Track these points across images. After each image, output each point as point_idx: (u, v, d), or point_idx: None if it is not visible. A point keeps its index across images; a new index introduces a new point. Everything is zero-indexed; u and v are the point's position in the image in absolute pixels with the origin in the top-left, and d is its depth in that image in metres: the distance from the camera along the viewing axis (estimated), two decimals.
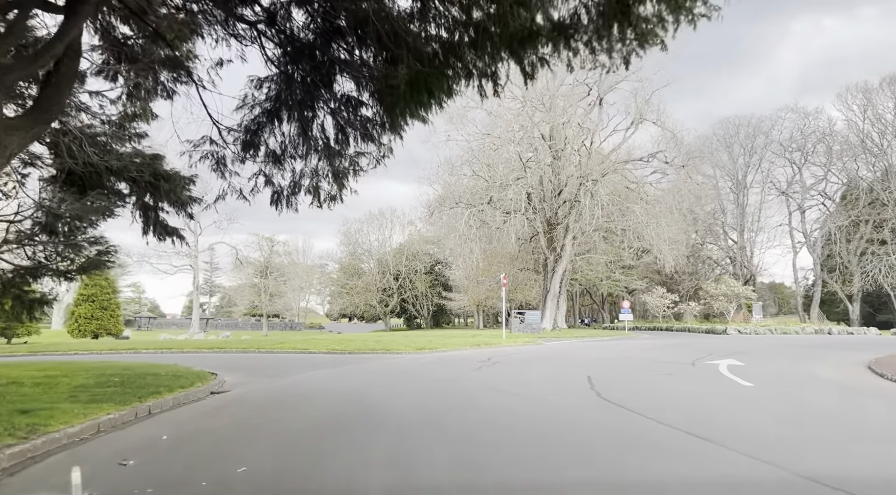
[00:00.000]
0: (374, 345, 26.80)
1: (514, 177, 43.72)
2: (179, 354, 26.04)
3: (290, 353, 25.42)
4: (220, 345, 28.25)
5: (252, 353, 26.01)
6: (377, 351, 24.78)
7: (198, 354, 25.95)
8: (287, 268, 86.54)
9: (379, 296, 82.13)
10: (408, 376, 15.84)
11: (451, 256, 76.94)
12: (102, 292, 35.71)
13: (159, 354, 25.91)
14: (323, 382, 15.05)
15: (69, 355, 24.64)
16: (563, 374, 16.09)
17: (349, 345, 26.57)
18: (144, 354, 26.01)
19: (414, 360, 21.18)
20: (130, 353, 26.44)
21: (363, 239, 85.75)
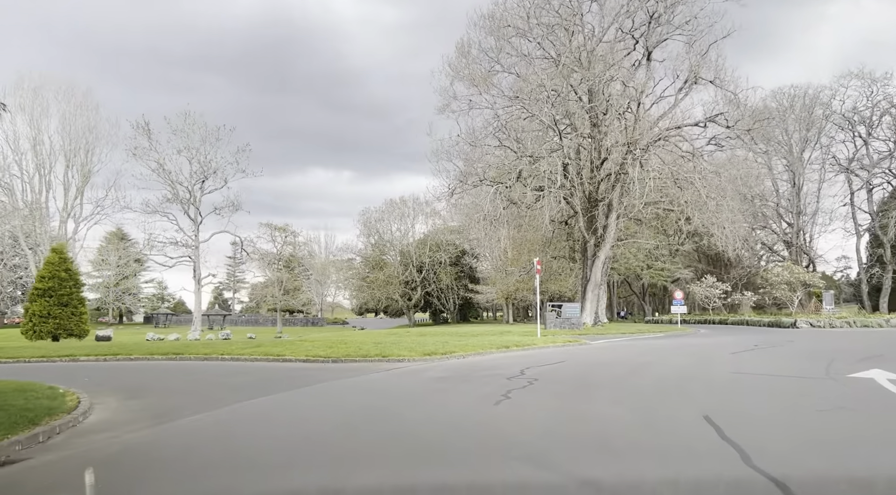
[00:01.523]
0: (370, 348, 20.19)
1: (548, 148, 36.66)
2: (116, 362, 19.78)
3: (257, 361, 18.98)
4: (181, 349, 21.91)
5: (212, 361, 19.70)
6: (371, 357, 18.15)
7: (142, 363, 19.72)
8: (306, 260, 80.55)
9: (401, 290, 75.65)
10: (384, 418, 9.06)
11: (476, 244, 70.15)
12: (62, 285, 29.64)
13: (87, 363, 19.70)
14: (226, 432, 8.42)
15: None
16: (655, 408, 9.24)
17: (338, 350, 20.00)
18: (63, 363, 19.82)
19: (414, 375, 14.46)
20: (47, 362, 20.22)
21: (384, 229, 79.32)
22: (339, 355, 18.60)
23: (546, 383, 12.17)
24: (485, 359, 18.63)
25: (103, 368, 18.30)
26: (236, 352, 20.58)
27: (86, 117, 51.83)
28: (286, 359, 18.88)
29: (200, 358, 20.31)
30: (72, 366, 19.06)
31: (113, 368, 18.17)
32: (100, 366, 18.92)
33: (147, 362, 20.15)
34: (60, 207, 52.57)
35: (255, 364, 18.52)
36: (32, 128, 49.66)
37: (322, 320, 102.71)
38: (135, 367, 18.34)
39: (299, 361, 18.54)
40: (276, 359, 19.03)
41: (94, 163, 52.96)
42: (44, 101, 50.12)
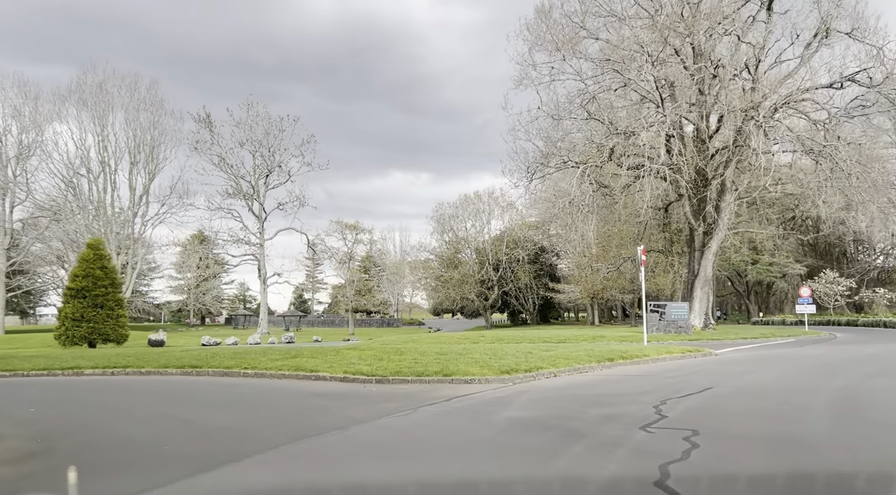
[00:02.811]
0: (431, 361, 15.10)
1: (646, 121, 30.57)
2: (124, 377, 15.61)
3: (284, 379, 14.34)
4: (204, 361, 17.44)
5: (231, 377, 15.29)
6: (428, 376, 13.05)
7: (148, 379, 15.50)
8: (379, 258, 76.73)
9: (477, 289, 70.46)
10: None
11: (557, 240, 64.13)
12: (97, 285, 26.15)
13: (89, 378, 15.63)
14: None
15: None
16: None
17: (388, 364, 15.00)
18: (57, 379, 15.83)
19: (483, 416, 9.18)
20: (47, 376, 16.26)
21: (458, 226, 74.36)
22: (388, 372, 13.59)
23: (725, 446, 6.66)
24: (586, 380, 13.19)
25: (88, 387, 14.08)
26: (264, 365, 15.95)
27: (150, 113, 49.50)
28: (319, 377, 14.08)
29: (220, 373, 15.85)
30: (60, 384, 14.97)
31: (98, 387, 13.90)
32: (90, 384, 14.75)
33: (158, 377, 15.95)
34: (126, 206, 50.47)
35: (276, 383, 13.81)
36: (97, 124, 47.63)
37: (398, 321, 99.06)
38: (127, 386, 14.00)
39: (335, 380, 13.70)
40: (308, 376, 14.27)
41: (160, 160, 50.61)
42: (108, 96, 48.01)
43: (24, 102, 46.96)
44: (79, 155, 48.15)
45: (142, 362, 17.75)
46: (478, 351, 17.86)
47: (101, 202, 48.94)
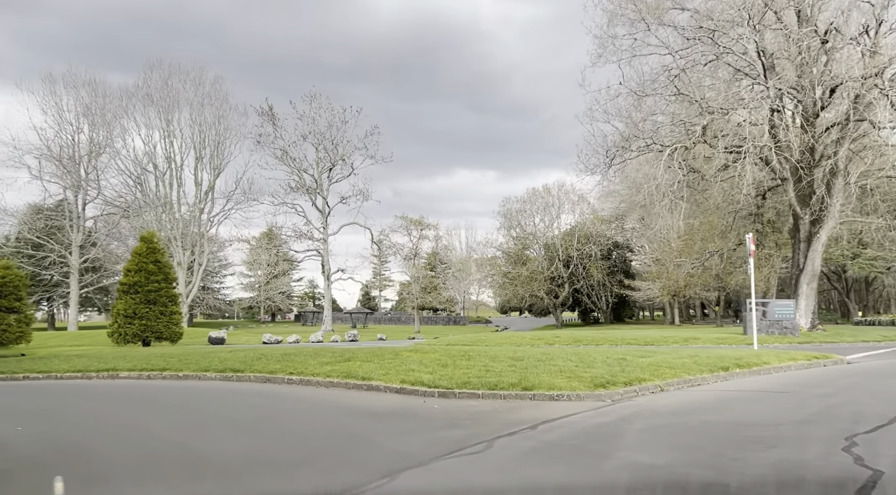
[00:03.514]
0: (506, 369, 12.45)
1: (742, 98, 26.86)
2: (161, 381, 13.74)
3: (331, 388, 12.11)
4: (247, 365, 15.33)
5: (275, 384, 13.25)
6: (504, 388, 10.45)
7: (183, 384, 13.59)
8: (445, 255, 74.51)
9: (546, 287, 67.14)
10: None
11: (633, 233, 60.13)
12: (150, 280, 24.74)
13: (125, 381, 13.85)
14: None
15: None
16: None
17: (455, 371, 12.46)
18: (90, 382, 14.11)
19: (597, 454, 6.46)
20: (81, 378, 14.60)
21: (526, 220, 71.20)
22: (453, 383, 11.04)
23: None
24: (708, 398, 10.25)
25: (110, 394, 12.22)
26: (311, 370, 13.71)
27: (214, 107, 48.84)
28: (372, 386, 11.69)
29: (262, 378, 13.74)
30: (85, 389, 13.20)
31: (120, 395, 12.01)
32: (117, 390, 12.93)
33: (194, 383, 14.12)
34: (192, 203, 50.02)
35: (321, 394, 11.51)
36: (162, 120, 47.29)
37: (464, 319, 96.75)
38: (152, 395, 12.05)
39: (390, 391, 11.27)
40: (359, 385, 11.92)
41: (225, 156, 49.91)
42: (173, 91, 47.59)
43: (94, 99, 47.10)
44: (146, 152, 47.95)
45: (182, 364, 15.88)
46: (559, 356, 15.05)
47: (167, 199, 48.58)
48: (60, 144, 47.15)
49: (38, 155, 46.83)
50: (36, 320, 19.79)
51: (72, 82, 47.29)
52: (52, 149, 46.84)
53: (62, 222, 50.13)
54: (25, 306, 20.04)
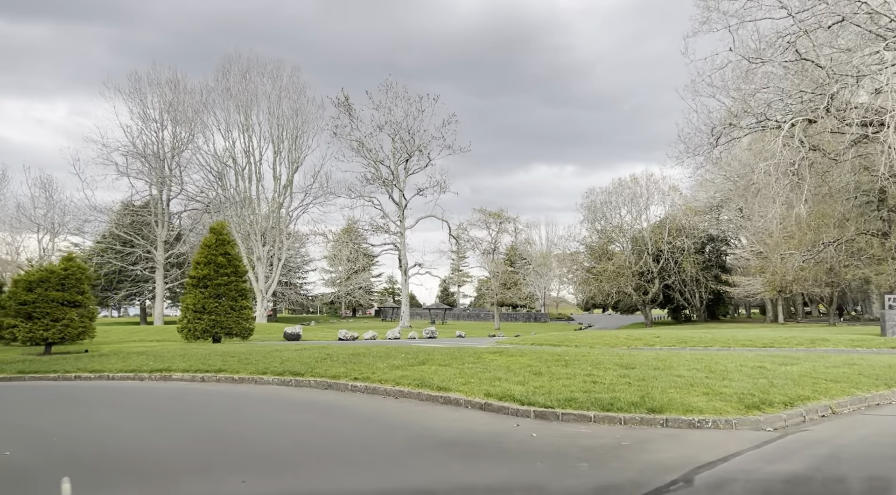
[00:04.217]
0: (617, 379, 9.88)
1: (891, 55, 22.81)
2: (216, 384, 11.97)
3: (401, 399, 9.95)
4: (310, 368, 13.28)
5: (337, 390, 11.34)
6: (621, 411, 7.84)
7: (233, 389, 11.81)
8: (525, 250, 71.60)
9: (635, 282, 63.06)
10: None
11: (729, 225, 55.40)
12: (219, 273, 23.46)
13: (177, 383, 12.14)
14: None
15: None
16: None
17: (554, 381, 9.97)
18: (138, 384, 12.49)
19: None
20: (134, 380, 13.08)
21: (611, 213, 67.22)
22: (554, 400, 8.55)
23: None
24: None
25: (147, 404, 10.52)
26: (380, 375, 11.56)
27: (291, 100, 48.03)
28: (449, 399, 9.39)
29: (323, 384, 11.75)
30: (126, 395, 11.59)
31: (159, 406, 10.26)
32: (161, 396, 11.29)
33: (248, 388, 12.33)
34: (270, 197, 49.49)
35: (387, 407, 9.31)
36: (241, 114, 46.87)
37: (545, 316, 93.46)
38: (191, 404, 10.25)
39: (472, 406, 8.96)
40: (434, 397, 9.66)
41: (302, 150, 49.08)
42: (252, 85, 47.09)
43: (175, 95, 47.29)
44: (226, 147, 47.74)
45: (240, 366, 14.13)
46: (678, 362, 12.22)
47: (246, 194, 48.22)
48: (145, 141, 47.75)
49: (125, 152, 47.58)
50: (97, 314, 18.67)
51: (156, 80, 47.79)
52: (137, 145, 47.49)
53: (148, 218, 50.83)
54: (88, 300, 19.05)
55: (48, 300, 17.76)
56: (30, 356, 17.63)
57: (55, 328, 17.67)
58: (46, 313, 17.66)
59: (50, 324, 17.63)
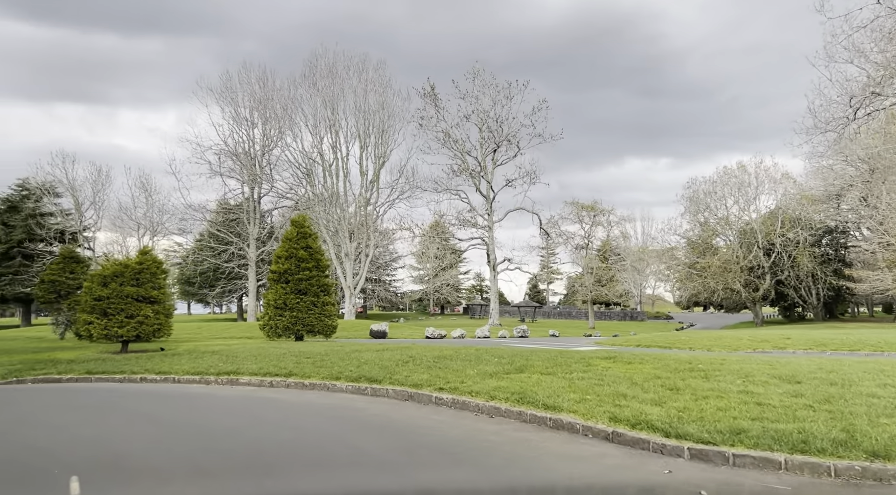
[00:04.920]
0: (789, 399, 7.25)
1: None
2: (275, 390, 10.25)
3: (496, 419, 7.73)
4: (383, 373, 11.42)
5: (420, 402, 9.17)
6: (822, 455, 5.29)
7: (286, 397, 9.98)
8: (619, 244, 67.59)
9: (743, 278, 57.84)
10: None
11: (853, 214, 49.45)
12: (300, 268, 22.15)
13: (244, 388, 10.53)
14: None
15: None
16: None
17: (703, 406, 7.50)
18: (207, 388, 10.98)
19: None
20: (199, 384, 11.62)
21: (716, 204, 62.05)
22: (713, 430, 6.08)
23: None
24: None
25: (184, 418, 8.75)
26: (470, 385, 9.49)
27: (377, 94, 46.81)
28: (561, 423, 7.13)
29: (403, 394, 9.90)
30: (176, 403, 10.09)
31: (186, 422, 8.47)
32: (214, 407, 9.60)
33: (318, 395, 10.69)
34: (357, 193, 48.55)
35: (481, 430, 7.16)
36: (328, 109, 46.13)
37: (641, 314, 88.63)
38: (234, 422, 8.38)
39: (594, 435, 6.66)
40: (540, 419, 7.43)
41: (388, 144, 47.82)
42: (338, 79, 46.24)
43: (264, 91, 47.20)
44: (314, 144, 47.20)
45: (313, 369, 12.41)
46: (860, 376, 9.32)
47: (334, 190, 47.52)
48: (236, 140, 48.03)
49: (218, 151, 48.05)
50: (173, 310, 17.59)
51: (246, 78, 47.93)
52: (228, 144, 47.84)
53: (241, 216, 51.23)
54: (164, 296, 18.05)
55: (122, 295, 16.85)
56: (105, 354, 16.78)
57: (129, 325, 16.73)
58: (121, 309, 16.75)
59: (124, 320, 16.71)
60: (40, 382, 13.93)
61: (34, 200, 53.48)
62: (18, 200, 55.95)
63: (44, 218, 52.03)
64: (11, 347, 20.85)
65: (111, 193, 51.22)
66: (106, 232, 54.85)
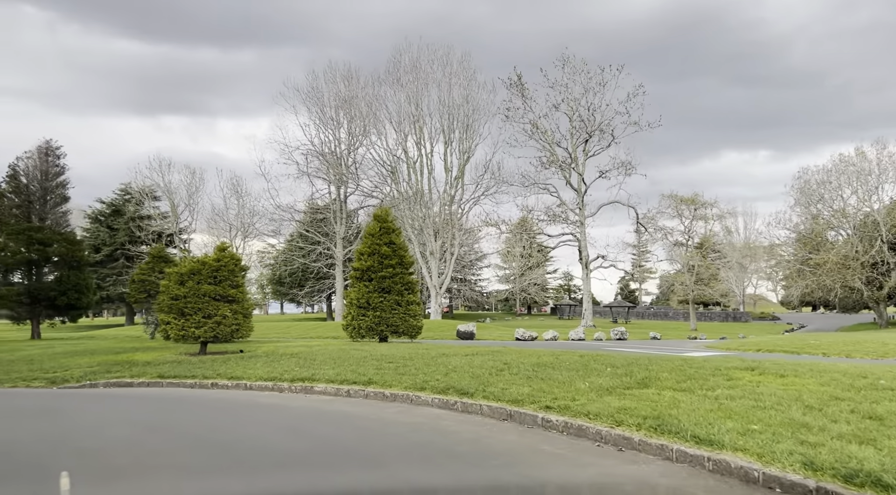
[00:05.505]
0: None
1: None
2: (380, 402, 8.70)
3: (628, 458, 5.60)
4: (476, 384, 9.63)
5: (519, 432, 7.23)
6: None
7: (372, 409, 8.34)
8: (722, 239, 62.98)
9: (865, 275, 52.21)
10: None
11: None
12: (383, 265, 20.81)
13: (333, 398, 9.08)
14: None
15: None
16: None
17: None
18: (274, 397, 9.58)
19: None
20: (279, 392, 10.27)
21: (831, 194, 56.45)
22: None
23: None
24: None
25: (233, 439, 7.28)
26: (584, 405, 7.64)
27: (462, 87, 45.23)
28: (726, 467, 5.10)
29: (501, 412, 8.25)
30: (239, 417, 8.75)
31: (258, 447, 6.95)
32: (277, 424, 8.11)
33: (401, 409, 9.21)
34: (441, 190, 47.15)
35: (617, 473, 5.14)
36: (411, 104, 45.01)
37: (745, 315, 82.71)
38: (304, 449, 6.82)
39: (789, 491, 4.48)
40: (695, 460, 5.40)
41: (474, 138, 46.15)
42: (422, 73, 45.01)
43: (348, 89, 46.69)
44: (398, 140, 46.25)
45: (395, 377, 10.89)
46: None
47: (418, 187, 46.36)
48: (322, 139, 47.82)
49: (305, 151, 48.03)
50: (252, 310, 16.56)
51: (331, 77, 47.62)
52: (315, 144, 47.69)
53: (328, 216, 51.09)
54: (243, 294, 17.10)
55: (199, 294, 15.99)
56: (183, 356, 15.96)
57: (207, 325, 15.84)
58: (198, 309, 15.88)
59: (201, 321, 15.83)
60: (112, 386, 13.13)
61: (135, 204, 55.58)
62: (121, 204, 58.43)
63: (143, 221, 53.95)
64: (99, 347, 20.66)
65: (204, 196, 52.44)
66: (201, 234, 56.29)
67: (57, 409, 9.65)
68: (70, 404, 10.35)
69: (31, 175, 33.00)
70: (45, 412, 9.33)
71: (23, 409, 9.90)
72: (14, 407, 10.18)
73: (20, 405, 10.52)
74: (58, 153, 34.56)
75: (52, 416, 8.78)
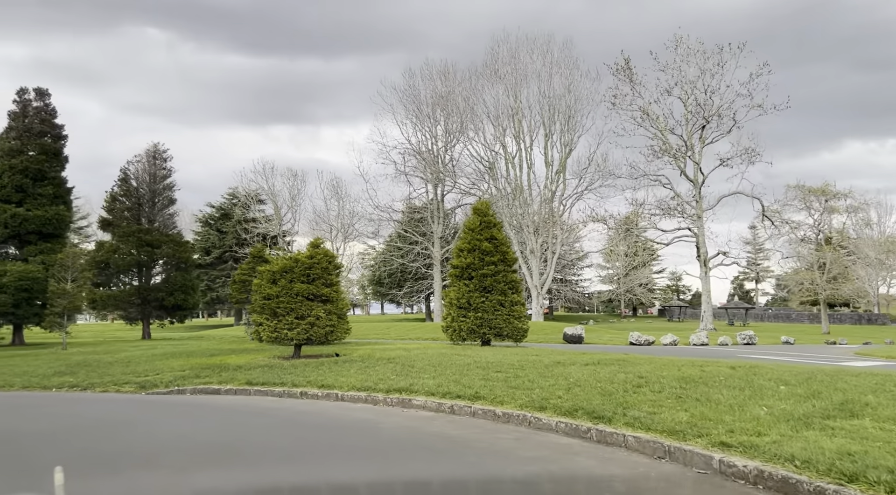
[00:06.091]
0: None
1: None
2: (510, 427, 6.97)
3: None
4: (610, 406, 7.65)
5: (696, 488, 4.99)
6: None
7: (475, 432, 6.42)
8: (854, 233, 56.62)
9: None
10: None
11: None
12: (484, 262, 19.06)
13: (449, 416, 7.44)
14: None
15: None
16: None
17: None
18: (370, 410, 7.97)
19: None
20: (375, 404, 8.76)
21: None
22: None
23: None
24: None
25: (318, 475, 5.65)
26: (776, 444, 5.43)
27: (563, 76, 42.78)
28: None
29: (657, 449, 6.04)
30: (317, 439, 7.19)
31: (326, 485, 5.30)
32: (370, 447, 6.48)
33: (518, 438, 7.19)
34: (542, 185, 44.83)
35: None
36: (510, 97, 43.08)
37: (882, 317, 74.38)
38: None
39: None
40: None
41: (576, 130, 43.56)
42: (521, 64, 43.00)
43: (445, 85, 45.47)
44: (496, 135, 44.46)
45: (506, 391, 9.19)
46: None
47: (517, 183, 44.34)
48: (419, 138, 46.95)
49: (402, 150, 47.32)
50: (347, 310, 15.26)
51: (428, 74, 46.62)
52: (412, 142, 46.88)
53: (425, 215, 50.17)
54: (337, 294, 15.90)
55: (292, 294, 14.93)
56: (276, 360, 14.94)
57: (300, 327, 14.73)
58: (290, 309, 14.81)
59: (294, 322, 14.74)
60: (199, 393, 12.16)
61: (241, 207, 57.10)
62: (229, 208, 60.30)
63: (249, 223, 55.23)
64: (197, 349, 20.24)
65: (306, 198, 53.05)
66: (304, 237, 56.96)
67: (130, 422, 8.60)
68: (146, 416, 9.32)
69: (140, 178, 34.02)
70: (115, 425, 8.28)
71: (100, 420, 8.96)
72: (95, 418, 9.27)
73: (99, 415, 9.62)
74: (164, 156, 35.49)
75: (117, 431, 7.68)
